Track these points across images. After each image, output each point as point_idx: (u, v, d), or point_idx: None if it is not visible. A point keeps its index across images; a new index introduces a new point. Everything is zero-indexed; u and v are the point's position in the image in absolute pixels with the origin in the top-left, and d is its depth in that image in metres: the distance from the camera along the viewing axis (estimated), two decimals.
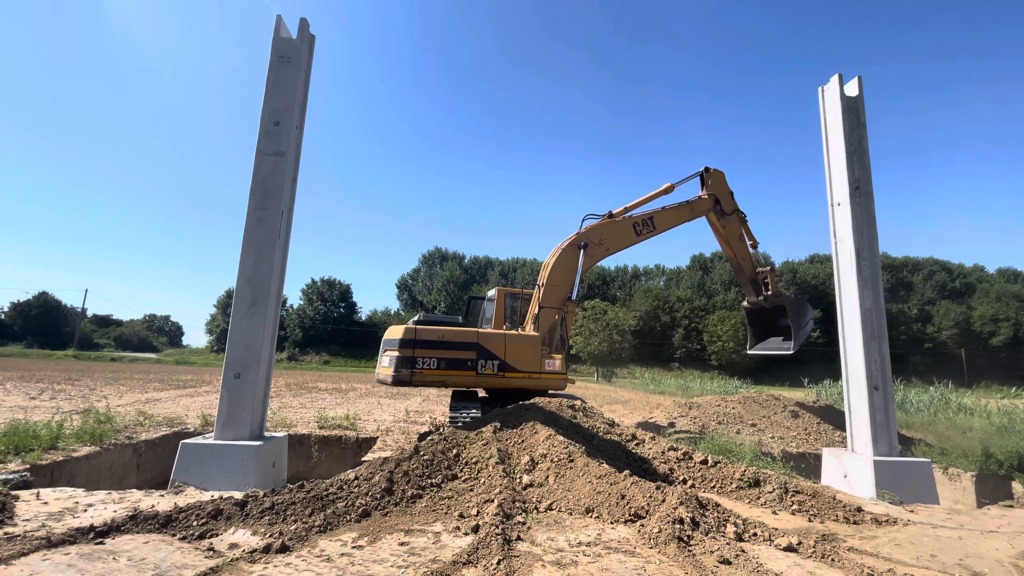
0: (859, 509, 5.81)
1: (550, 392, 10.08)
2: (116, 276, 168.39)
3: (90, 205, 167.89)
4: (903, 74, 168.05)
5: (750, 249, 12.49)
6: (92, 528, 4.23)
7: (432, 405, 17.82)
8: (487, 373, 9.40)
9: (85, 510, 4.84)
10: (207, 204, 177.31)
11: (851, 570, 4.08)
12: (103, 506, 4.99)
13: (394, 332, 9.62)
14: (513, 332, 10.06)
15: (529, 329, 10.16)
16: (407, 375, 9.11)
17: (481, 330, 9.94)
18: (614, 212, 11.11)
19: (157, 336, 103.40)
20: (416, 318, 10.07)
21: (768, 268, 12.56)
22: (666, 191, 11.52)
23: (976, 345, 69.05)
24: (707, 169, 11.94)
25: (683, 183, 11.72)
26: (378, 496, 5.23)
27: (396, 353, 9.22)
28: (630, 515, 5.03)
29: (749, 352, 13.25)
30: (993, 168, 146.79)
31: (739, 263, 12.41)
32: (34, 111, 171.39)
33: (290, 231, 7.39)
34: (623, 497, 5.30)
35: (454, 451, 6.41)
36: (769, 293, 12.44)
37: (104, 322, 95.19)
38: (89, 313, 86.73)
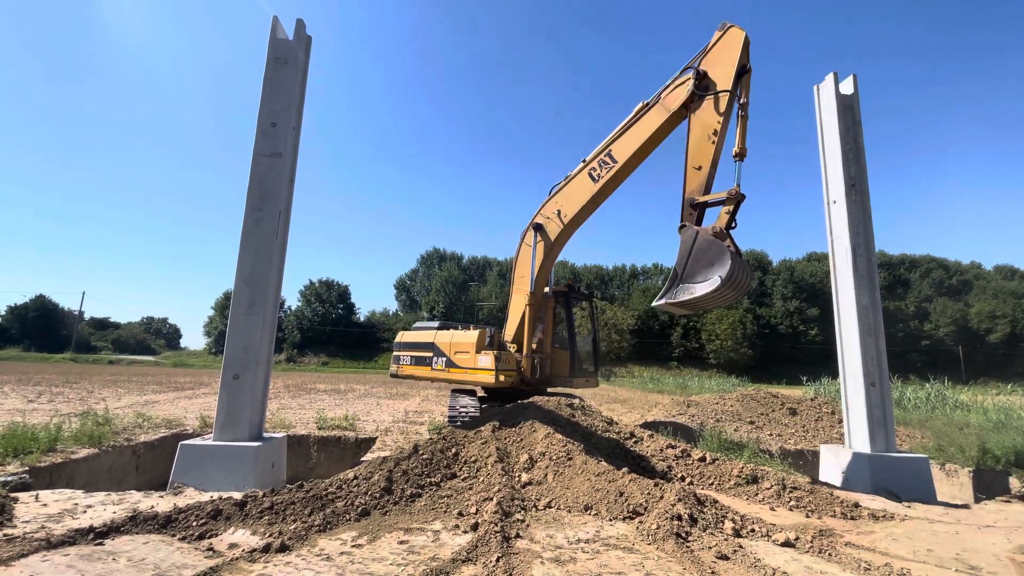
0: (856, 505, 5.84)
1: (549, 391, 10.20)
2: (114, 279, 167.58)
3: (87, 207, 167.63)
4: (901, 70, 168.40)
5: (734, 162, 6.90)
6: (91, 529, 4.23)
7: (431, 405, 17.83)
8: (438, 368, 10.75)
9: (84, 511, 4.85)
10: (204, 206, 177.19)
11: (848, 564, 4.11)
12: (102, 507, 4.99)
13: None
14: (459, 331, 10.86)
15: (471, 330, 10.62)
16: (395, 370, 11.78)
17: (439, 331, 11.09)
18: (572, 173, 9.19)
19: (155, 338, 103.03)
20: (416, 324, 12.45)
21: (733, 195, 6.70)
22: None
23: (973, 342, 69.32)
24: (723, 25, 7.36)
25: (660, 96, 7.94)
26: (377, 495, 5.24)
27: (394, 353, 11.87)
28: (628, 512, 5.05)
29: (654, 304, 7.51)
30: (991, 165, 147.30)
31: (691, 171, 7.15)
32: (28, 113, 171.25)
33: (288, 232, 7.40)
34: (621, 494, 5.32)
35: (453, 450, 6.42)
36: (709, 228, 6.67)
37: (101, 325, 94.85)
38: (86, 316, 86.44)
